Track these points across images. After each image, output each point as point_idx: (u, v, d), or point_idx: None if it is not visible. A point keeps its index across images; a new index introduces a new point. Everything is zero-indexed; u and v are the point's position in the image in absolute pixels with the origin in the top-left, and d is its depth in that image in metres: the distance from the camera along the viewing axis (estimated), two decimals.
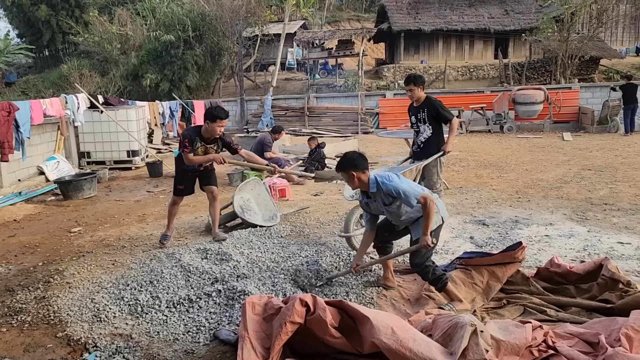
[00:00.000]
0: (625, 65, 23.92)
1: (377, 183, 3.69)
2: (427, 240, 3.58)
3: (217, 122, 5.14)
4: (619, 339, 2.83)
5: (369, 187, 3.73)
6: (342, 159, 3.79)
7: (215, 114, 5.13)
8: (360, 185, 3.77)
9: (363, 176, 3.72)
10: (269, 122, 19.36)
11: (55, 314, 3.86)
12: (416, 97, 5.82)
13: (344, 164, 3.74)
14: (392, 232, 4.10)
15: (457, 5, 26.79)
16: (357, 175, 3.71)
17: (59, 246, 5.83)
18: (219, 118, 5.14)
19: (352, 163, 3.71)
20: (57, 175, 10.03)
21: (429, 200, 3.56)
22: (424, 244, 3.59)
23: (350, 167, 3.71)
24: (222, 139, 5.38)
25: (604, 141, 13.87)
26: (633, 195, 7.17)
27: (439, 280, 3.71)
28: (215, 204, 5.68)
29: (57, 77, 26.04)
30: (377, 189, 3.70)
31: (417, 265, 3.75)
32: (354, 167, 3.71)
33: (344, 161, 3.76)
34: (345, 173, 3.74)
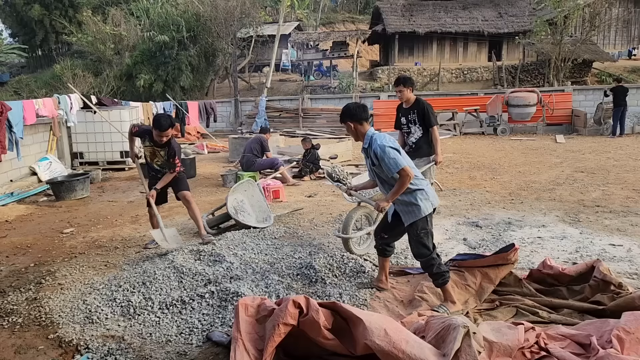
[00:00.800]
0: (617, 68, 24.09)
1: (371, 139, 3.74)
2: (383, 205, 3.71)
3: (156, 132, 5.08)
4: (611, 340, 2.85)
5: (364, 139, 3.79)
6: (343, 109, 3.85)
7: (155, 124, 5.05)
8: (357, 136, 3.83)
9: (361, 128, 3.78)
10: (263, 123, 19.34)
11: (47, 316, 3.83)
12: (405, 98, 5.86)
13: (343, 114, 3.80)
14: (391, 232, 4.05)
15: (451, 8, 26.90)
16: (354, 126, 3.76)
17: (51, 247, 5.79)
18: (157, 129, 5.05)
19: (350, 113, 3.78)
20: (49, 175, 9.98)
21: (405, 173, 3.56)
22: (377, 207, 3.74)
23: (348, 117, 3.77)
24: (169, 148, 5.26)
25: (597, 144, 13.95)
26: (625, 198, 7.22)
27: (441, 276, 3.70)
28: (191, 207, 5.57)
29: (50, 77, 25.92)
30: (369, 144, 3.74)
31: (421, 255, 3.73)
32: (350, 117, 3.76)
33: (344, 111, 3.82)
34: (344, 123, 3.82)
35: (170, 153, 5.26)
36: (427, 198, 3.72)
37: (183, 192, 5.55)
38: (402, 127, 6.00)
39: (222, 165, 12.19)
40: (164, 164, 5.42)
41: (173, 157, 5.26)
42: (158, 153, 5.35)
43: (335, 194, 8.24)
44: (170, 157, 5.28)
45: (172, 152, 5.25)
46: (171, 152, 5.25)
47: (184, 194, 5.55)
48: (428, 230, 3.72)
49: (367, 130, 3.78)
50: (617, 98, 15.31)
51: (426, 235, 3.72)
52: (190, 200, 5.58)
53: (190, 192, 5.68)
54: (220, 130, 21.04)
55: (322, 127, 19.87)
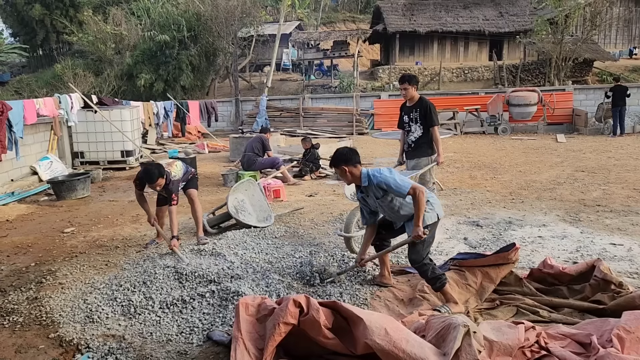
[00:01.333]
0: (618, 67, 24.07)
1: (369, 176, 3.78)
2: (419, 231, 3.62)
3: (148, 186, 5.18)
4: (611, 339, 2.85)
5: (361, 180, 3.82)
6: (334, 155, 3.88)
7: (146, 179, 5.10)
8: (353, 179, 3.87)
9: (355, 170, 3.82)
10: (264, 123, 19.34)
11: (48, 315, 3.83)
12: (410, 96, 5.85)
13: (336, 160, 3.85)
14: (389, 230, 4.14)
15: (452, 7, 26.88)
16: (348, 170, 3.80)
17: (51, 247, 5.79)
18: (148, 183, 5.11)
19: (343, 158, 3.82)
20: (50, 175, 9.98)
21: (418, 190, 3.60)
22: (415, 235, 3.63)
23: (342, 162, 3.81)
24: (167, 190, 5.33)
25: (597, 143, 13.94)
26: (625, 197, 7.21)
27: (437, 280, 3.72)
28: (194, 206, 5.71)
29: (51, 76, 25.94)
30: (368, 183, 3.79)
31: (415, 261, 3.76)
32: (344, 162, 3.80)
33: (336, 157, 3.86)
34: (338, 168, 3.86)
35: (169, 193, 5.35)
36: (432, 209, 3.80)
37: (191, 190, 5.73)
38: (404, 125, 5.99)
39: (222, 164, 12.20)
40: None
41: (170, 195, 5.35)
42: (161, 193, 5.52)
43: (336, 194, 8.24)
44: (168, 195, 5.38)
45: (170, 192, 5.34)
46: (169, 192, 5.35)
47: (190, 192, 5.72)
48: (425, 240, 3.74)
49: (360, 171, 3.83)
50: (615, 97, 15.29)
51: (422, 244, 3.75)
52: (194, 200, 5.70)
53: (197, 191, 5.82)
54: (221, 130, 21.04)
55: (323, 126, 19.87)
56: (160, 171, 5.13)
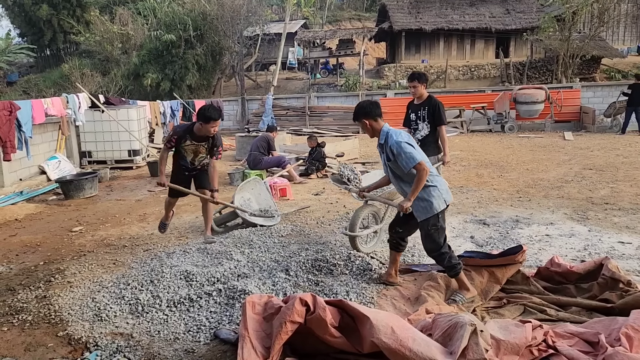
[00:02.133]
0: (626, 64, 23.88)
1: (387, 135, 3.81)
2: (406, 204, 3.72)
3: (211, 124, 5.13)
4: (619, 338, 2.84)
5: (380, 135, 3.88)
6: (356, 107, 3.94)
7: (209, 115, 5.09)
8: (373, 133, 3.93)
9: (375, 124, 3.88)
10: (270, 122, 19.36)
11: (56, 313, 3.86)
12: (419, 94, 5.83)
13: (357, 113, 3.89)
14: (404, 226, 4.10)
15: (458, 5, 26.76)
16: (369, 123, 3.86)
17: (60, 245, 5.84)
18: (213, 119, 5.11)
19: (364, 111, 3.88)
20: (58, 174, 10.05)
21: (423, 169, 3.63)
22: (400, 206, 3.74)
23: (362, 115, 3.86)
24: (213, 140, 5.34)
25: (605, 141, 13.85)
26: (634, 195, 7.16)
27: (453, 268, 3.80)
28: (207, 206, 5.67)
29: (59, 76, 26.10)
30: (385, 140, 3.82)
31: (432, 250, 3.84)
32: (364, 115, 3.85)
33: (357, 110, 3.90)
34: (359, 122, 3.91)
35: (216, 143, 5.36)
36: (440, 195, 3.79)
37: (205, 189, 5.62)
38: (410, 123, 5.97)
39: (229, 163, 12.22)
40: (205, 157, 5.50)
41: (218, 146, 5.37)
42: (202, 148, 5.40)
43: (342, 193, 8.24)
44: (214, 147, 5.37)
45: (219, 141, 5.37)
46: (217, 141, 5.36)
47: (205, 192, 5.62)
48: (439, 227, 3.80)
49: (382, 126, 3.88)
50: (634, 96, 14.73)
51: (437, 232, 3.79)
52: (208, 199, 5.64)
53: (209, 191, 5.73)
54: (227, 129, 21.09)
55: (329, 125, 19.87)
56: (220, 111, 5.15)
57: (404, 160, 3.66)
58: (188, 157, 5.46)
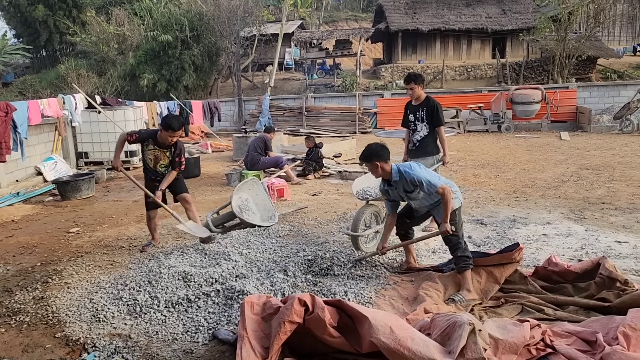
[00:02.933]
0: (622, 64, 23.97)
1: (400, 172, 4.01)
2: (447, 227, 3.89)
3: (169, 132, 5.08)
4: (617, 337, 2.85)
5: (391, 176, 4.04)
6: (366, 150, 4.08)
7: (167, 124, 5.05)
8: (383, 174, 4.09)
9: (386, 166, 4.04)
10: (267, 122, 19.35)
11: (54, 314, 3.86)
12: (416, 95, 5.83)
13: (369, 155, 4.04)
14: (413, 218, 4.41)
15: (454, 5, 26.80)
16: (380, 165, 4.02)
17: (57, 246, 5.82)
18: (171, 129, 5.05)
19: (377, 154, 4.03)
20: (54, 175, 10.02)
21: (447, 190, 3.88)
22: (443, 230, 3.92)
23: (375, 157, 4.02)
24: (175, 148, 5.28)
25: (602, 140, 13.90)
26: (630, 195, 7.19)
27: (463, 260, 3.95)
28: (191, 209, 5.60)
29: (55, 77, 26.00)
30: (399, 178, 4.02)
31: (449, 241, 4.06)
32: (377, 158, 4.01)
33: (369, 152, 4.05)
34: (370, 164, 4.06)
35: (177, 152, 5.29)
36: (456, 197, 4.08)
37: (183, 194, 5.58)
38: (409, 124, 5.97)
39: (226, 164, 12.21)
40: (167, 165, 5.42)
41: (179, 156, 5.29)
42: (163, 155, 5.34)
43: (340, 192, 8.25)
44: (176, 156, 5.30)
45: (179, 150, 5.29)
46: (178, 150, 5.29)
47: (183, 197, 5.58)
48: (457, 222, 4.04)
49: (390, 166, 4.07)
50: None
51: (455, 226, 4.02)
52: (190, 202, 5.62)
53: (189, 194, 5.69)
54: (224, 130, 21.07)
55: (326, 125, 19.87)
56: (182, 122, 5.15)
57: (428, 189, 3.93)
58: (150, 163, 5.41)
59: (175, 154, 5.30)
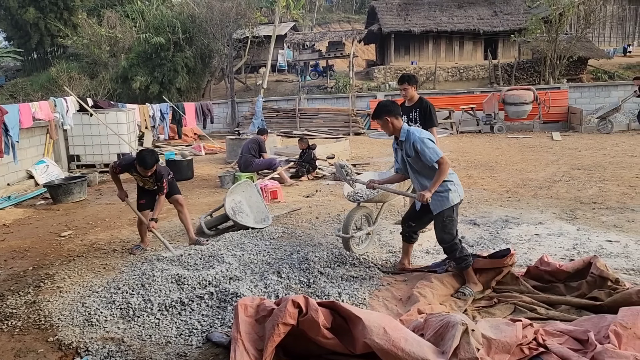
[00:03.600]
0: (612, 65, 24.17)
1: (408, 132, 4.02)
2: (427, 194, 3.84)
3: (140, 169, 5.10)
4: (608, 336, 2.87)
5: (400, 133, 4.03)
6: (377, 106, 4.12)
7: (140, 160, 5.05)
8: (394, 131, 4.12)
9: (396, 122, 4.08)
10: (260, 124, 19.34)
11: (46, 319, 3.83)
12: (410, 96, 5.85)
13: (379, 111, 4.07)
14: (417, 221, 4.38)
15: (446, 7, 26.94)
16: (391, 121, 4.04)
17: (49, 250, 5.79)
18: (142, 166, 5.06)
19: (386, 109, 4.05)
20: (46, 179, 9.96)
21: (445, 162, 3.87)
22: (421, 197, 3.85)
23: (385, 112, 4.05)
24: (157, 175, 5.29)
25: (593, 140, 14.00)
26: (621, 194, 7.25)
27: (464, 260, 3.95)
28: (183, 211, 5.65)
29: (46, 80, 25.85)
30: (406, 138, 4.02)
31: (445, 241, 3.99)
32: (387, 113, 4.05)
33: (379, 108, 4.08)
34: (380, 119, 4.09)
35: (158, 178, 5.32)
36: (456, 190, 4.04)
37: (175, 196, 5.63)
38: None
39: (219, 166, 12.19)
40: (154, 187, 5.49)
41: (160, 181, 5.32)
42: (147, 181, 5.43)
43: (333, 194, 8.25)
44: (158, 182, 5.35)
45: (160, 176, 5.31)
46: (159, 177, 5.31)
47: (176, 198, 5.62)
48: (453, 219, 4.02)
49: (402, 124, 4.09)
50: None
51: (451, 223, 4.00)
52: (182, 204, 5.65)
53: (182, 196, 5.73)
54: (217, 132, 21.03)
55: (319, 127, 19.88)
56: (156, 158, 5.14)
57: (428, 155, 3.87)
58: (139, 182, 5.55)
59: (158, 180, 5.34)
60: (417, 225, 4.43)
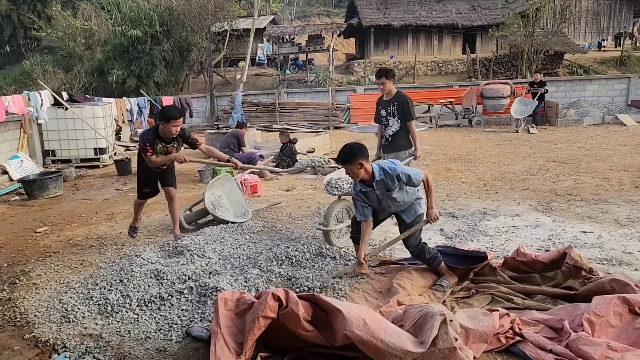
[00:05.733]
0: (587, 60, 24.60)
1: (384, 170, 3.83)
2: (435, 212, 3.91)
3: (172, 123, 5.03)
4: (582, 324, 2.94)
5: (374, 175, 3.81)
6: (348, 150, 3.76)
7: (169, 114, 5.01)
8: (365, 175, 3.82)
9: (368, 165, 3.81)
10: (240, 118, 19.20)
11: (22, 316, 3.77)
12: (387, 90, 5.87)
13: (352, 154, 3.72)
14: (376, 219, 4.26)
15: (425, 1, 27.07)
16: (364, 165, 3.76)
17: (24, 247, 5.68)
18: (173, 118, 5.01)
19: (360, 152, 3.74)
20: (21, 174, 9.75)
21: (429, 178, 3.89)
22: (433, 217, 3.91)
23: (359, 156, 3.73)
24: (182, 136, 5.28)
25: (568, 134, 14.25)
26: (595, 186, 7.40)
27: (435, 259, 4.03)
28: (173, 204, 5.59)
29: (19, 73, 25.27)
30: (382, 176, 3.81)
31: (413, 246, 4.04)
32: (362, 156, 3.75)
33: (351, 151, 3.74)
34: (352, 164, 3.74)
35: (186, 136, 5.30)
36: (424, 197, 4.09)
37: (170, 187, 5.54)
38: (381, 119, 6.02)
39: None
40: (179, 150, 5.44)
41: (189, 137, 5.32)
42: (172, 148, 5.30)
43: (313, 188, 8.26)
44: (188, 140, 5.33)
45: (187, 134, 5.31)
46: (186, 135, 5.30)
47: (169, 190, 5.53)
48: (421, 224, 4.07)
49: (371, 166, 3.85)
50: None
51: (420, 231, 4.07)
52: (174, 197, 5.56)
53: (176, 189, 5.64)
54: (196, 126, 20.83)
55: (299, 121, 19.84)
56: (180, 109, 5.09)
57: (414, 181, 3.82)
58: (157, 158, 5.24)
59: (186, 138, 5.31)
60: (375, 223, 4.26)
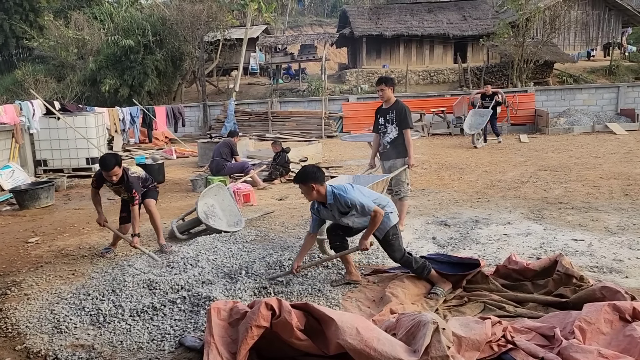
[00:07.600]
0: (577, 69, 24.86)
1: (335, 195, 3.94)
2: (366, 244, 3.98)
3: (104, 173, 5.06)
4: (573, 331, 2.96)
5: (326, 198, 3.97)
6: (303, 172, 4.00)
7: (100, 165, 5.04)
8: (317, 196, 4.01)
9: (321, 188, 3.96)
10: (233, 127, 19.20)
11: (14, 327, 3.75)
12: (387, 97, 5.94)
13: (306, 177, 3.94)
14: (346, 230, 4.32)
15: (417, 11, 27.30)
16: (316, 188, 3.92)
17: (15, 257, 5.64)
18: (104, 169, 5.01)
19: (313, 176, 3.94)
20: (12, 184, 9.69)
21: (379, 214, 3.89)
22: (362, 247, 4.00)
23: (312, 180, 3.92)
24: (125, 185, 5.24)
25: (559, 142, 14.38)
26: (586, 194, 7.47)
27: (424, 268, 4.03)
28: (153, 216, 5.61)
29: (11, 82, 25.15)
30: (334, 201, 3.95)
31: (397, 258, 4.09)
32: (314, 180, 3.92)
33: (305, 174, 3.96)
34: (305, 185, 3.95)
35: (128, 188, 5.25)
36: (392, 210, 4.13)
37: (148, 200, 5.58)
38: (379, 127, 6.07)
39: (191, 170, 12.07)
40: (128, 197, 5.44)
41: (131, 191, 5.26)
42: (120, 190, 5.36)
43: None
44: (128, 192, 5.29)
45: (129, 187, 5.24)
46: (128, 187, 5.24)
47: (147, 202, 5.57)
48: (398, 236, 4.11)
49: (325, 188, 3.98)
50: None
51: (397, 240, 4.09)
52: (152, 210, 5.59)
53: (155, 201, 5.67)
54: (189, 135, 20.81)
55: (292, 130, 19.88)
56: (117, 160, 5.06)
57: (364, 211, 3.88)
58: (117, 194, 5.52)
59: (128, 190, 5.28)
60: (346, 234, 4.34)
